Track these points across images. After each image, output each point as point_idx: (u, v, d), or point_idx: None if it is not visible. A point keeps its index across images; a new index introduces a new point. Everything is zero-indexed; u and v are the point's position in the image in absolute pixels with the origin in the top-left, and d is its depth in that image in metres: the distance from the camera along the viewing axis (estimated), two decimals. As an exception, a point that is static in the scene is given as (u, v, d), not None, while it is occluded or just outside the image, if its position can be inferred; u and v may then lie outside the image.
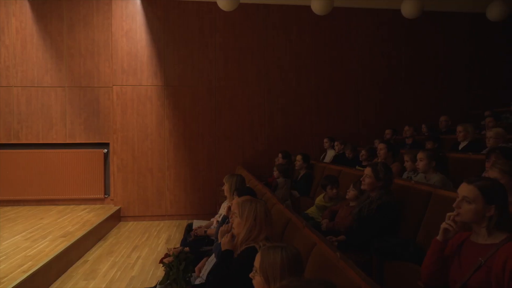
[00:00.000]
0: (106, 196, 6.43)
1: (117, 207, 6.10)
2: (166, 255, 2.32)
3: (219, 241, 2.23)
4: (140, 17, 6.24)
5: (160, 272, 3.85)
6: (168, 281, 2.09)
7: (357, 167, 4.50)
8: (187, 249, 2.39)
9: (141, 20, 6.24)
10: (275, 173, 4.80)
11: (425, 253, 1.66)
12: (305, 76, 6.54)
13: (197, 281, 2.29)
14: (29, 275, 3.12)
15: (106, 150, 6.43)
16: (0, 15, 6.31)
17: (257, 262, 1.35)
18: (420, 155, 3.15)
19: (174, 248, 2.45)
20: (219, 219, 3.05)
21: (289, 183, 4.69)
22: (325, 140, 6.11)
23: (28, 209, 6.06)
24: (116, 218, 5.97)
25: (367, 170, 2.71)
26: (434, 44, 6.82)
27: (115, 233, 5.48)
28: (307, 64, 6.55)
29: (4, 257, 3.63)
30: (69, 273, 3.84)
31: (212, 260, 2.22)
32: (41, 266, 3.34)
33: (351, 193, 3.05)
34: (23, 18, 6.34)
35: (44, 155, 6.33)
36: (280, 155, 5.55)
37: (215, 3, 5.08)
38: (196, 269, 2.31)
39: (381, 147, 4.07)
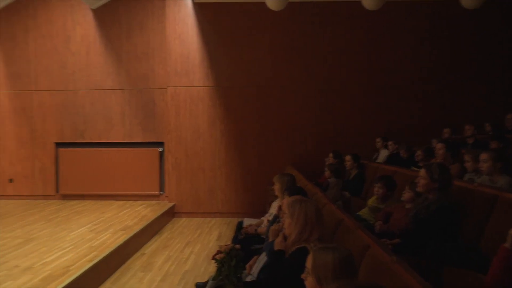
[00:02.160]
0: (161, 193, 6.74)
1: (171, 204, 6.36)
2: (218, 252, 2.38)
3: (269, 240, 2.25)
4: (192, 20, 6.44)
5: (212, 268, 3.95)
6: (220, 277, 2.14)
7: (412, 167, 4.31)
8: (238, 246, 2.43)
9: (192, 23, 6.44)
10: (326, 173, 4.73)
11: (490, 261, 1.55)
12: (356, 73, 6.36)
13: (248, 279, 2.32)
14: (93, 265, 3.37)
15: (161, 149, 6.74)
16: (67, 25, 6.85)
17: (309, 263, 1.35)
18: (483, 156, 2.94)
19: (226, 245, 2.50)
20: (270, 218, 3.07)
21: (341, 183, 4.59)
22: (378, 139, 5.90)
23: (92, 203, 6.52)
24: (170, 214, 6.23)
25: (422, 172, 2.59)
26: (498, 36, 6.31)
27: (169, 228, 5.71)
28: (357, 60, 6.36)
29: (72, 246, 3.94)
30: (128, 265, 4.07)
31: (262, 258, 2.24)
32: (104, 257, 3.59)
33: (406, 194, 2.92)
34: (87, 26, 6.83)
35: (106, 153, 6.77)
36: (331, 155, 5.47)
37: (264, 3, 5.11)
38: (247, 266, 2.34)
39: (439, 147, 3.85)
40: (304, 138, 6.38)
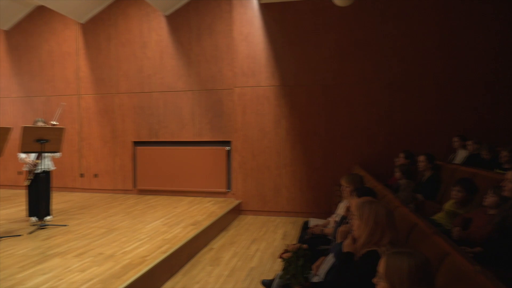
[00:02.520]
0: (228, 190, 6.94)
1: (238, 201, 6.52)
2: (285, 251, 2.40)
3: (337, 241, 2.21)
4: (258, 21, 6.53)
5: (277, 266, 3.99)
6: (287, 276, 2.16)
7: (496, 170, 3.93)
8: (305, 246, 2.43)
9: (259, 24, 6.53)
10: (397, 174, 4.51)
11: None
12: (429, 68, 5.93)
13: (315, 279, 2.30)
14: (167, 256, 3.58)
15: (228, 147, 6.94)
16: (143, 32, 7.36)
17: (381, 268, 1.30)
18: None
19: (293, 244, 2.51)
20: (337, 219, 3.02)
21: (412, 185, 4.35)
22: (455, 139, 5.45)
23: (165, 198, 6.93)
24: (236, 211, 6.40)
25: (509, 174, 2.35)
26: None
27: (235, 225, 5.86)
28: (431, 54, 5.93)
29: (148, 238, 4.23)
30: (198, 258, 4.26)
31: (330, 259, 2.21)
32: (176, 249, 3.80)
33: (490, 199, 2.68)
34: (160, 32, 7.27)
35: (177, 152, 7.16)
36: (402, 154, 5.19)
37: (329, 0, 5.00)
38: (314, 267, 2.33)
39: (529, 148, 3.47)
40: (372, 137, 6.14)
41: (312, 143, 6.34)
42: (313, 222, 3.80)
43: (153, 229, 4.64)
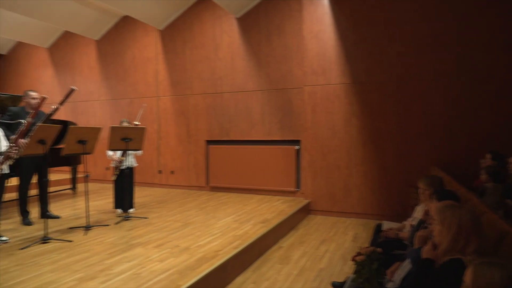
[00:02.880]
0: (297, 189, 6.93)
1: (307, 201, 6.48)
2: (358, 254, 2.33)
3: (415, 247, 2.09)
4: (328, 17, 6.41)
5: (347, 268, 3.89)
6: (360, 280, 2.10)
7: None
8: (379, 249, 2.34)
9: (329, 21, 6.41)
10: (483, 177, 4.12)
11: None
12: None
13: (389, 285, 2.21)
14: (238, 252, 3.69)
15: (298, 146, 6.93)
16: (216, 34, 7.65)
17: (468, 278, 1.21)
18: None
19: (366, 247, 2.43)
20: (414, 223, 2.85)
21: (501, 189, 3.94)
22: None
23: (236, 195, 7.14)
24: (306, 211, 6.36)
25: None
26: None
27: (304, 224, 5.84)
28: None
29: (220, 233, 4.40)
30: (267, 256, 4.32)
31: (406, 265, 2.10)
32: (247, 246, 3.89)
33: None
34: (232, 34, 7.49)
35: (247, 151, 7.32)
36: (488, 155, 4.73)
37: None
38: (388, 272, 2.23)
39: None
40: (452, 136, 5.68)
41: (384, 142, 6.06)
42: (387, 225, 3.64)
43: (225, 225, 4.81)
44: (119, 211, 5.46)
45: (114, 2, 7.02)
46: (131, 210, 5.53)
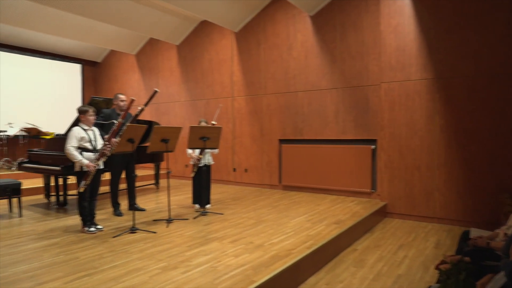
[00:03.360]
0: (373, 191, 6.67)
1: (383, 203, 6.20)
2: (442, 262, 2.18)
3: (511, 258, 1.89)
4: (408, 9, 6.04)
5: (429, 277, 3.65)
6: (445, 290, 1.96)
7: None
8: (467, 259, 2.15)
9: (409, 13, 6.04)
10: None
11: None
12: None
13: (479, 298, 2.03)
14: (311, 252, 3.67)
15: (374, 146, 6.66)
16: (289, 34, 7.67)
17: None
18: None
19: (451, 255, 2.25)
20: (508, 232, 2.58)
21: None
22: None
23: (308, 195, 7.10)
24: (381, 213, 6.09)
25: None
26: None
27: (380, 228, 5.59)
28: None
29: (293, 232, 4.41)
30: (341, 258, 4.23)
31: (500, 278, 1.91)
32: (320, 246, 3.86)
33: None
34: (305, 32, 7.45)
35: (320, 150, 7.23)
36: None
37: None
38: (478, 284, 2.05)
39: None
40: (559, 136, 4.99)
41: (472, 142, 5.54)
42: (475, 232, 3.34)
43: (298, 224, 4.81)
44: (197, 206, 5.77)
45: (194, 8, 7.41)
46: (208, 206, 5.81)
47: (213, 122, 5.86)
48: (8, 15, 8.18)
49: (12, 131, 8.71)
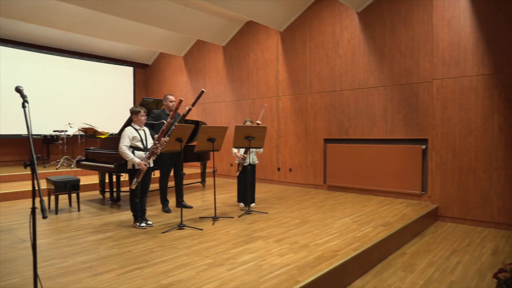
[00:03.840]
0: (423, 192, 6.38)
1: (435, 206, 5.91)
2: (501, 270, 2.04)
3: None
4: (464, 1, 5.70)
5: (485, 285, 3.45)
6: (503, 300, 1.83)
7: None
8: (528, 268, 2.00)
9: (465, 5, 5.70)
10: None
11: None
12: None
13: (542, 311, 1.88)
14: (357, 254, 3.59)
15: (424, 146, 6.37)
16: (335, 32, 7.54)
17: None
18: None
19: (510, 264, 2.11)
20: None
21: None
22: None
23: (354, 196, 6.94)
24: (433, 217, 5.81)
25: None
26: None
27: (431, 231, 5.34)
28: None
29: (338, 234, 4.34)
30: (388, 261, 4.10)
31: None
32: (366, 248, 3.76)
33: None
34: (352, 30, 7.28)
35: (367, 150, 7.04)
36: None
37: None
38: (541, 296, 1.90)
39: None
40: None
41: (538, 143, 5.12)
42: (539, 240, 3.09)
43: (343, 225, 4.73)
44: (242, 205, 5.85)
45: (240, 9, 7.51)
46: (252, 205, 5.87)
47: (258, 122, 5.91)
48: (70, 22, 8.78)
49: (71, 131, 9.35)
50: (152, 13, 8.19)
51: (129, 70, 12.11)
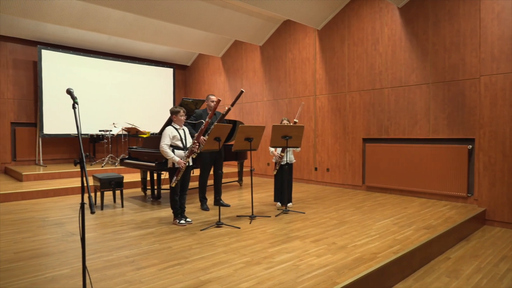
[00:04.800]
0: (469, 195, 6.07)
1: (482, 209, 5.61)
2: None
3: None
4: (516, -8, 5.36)
5: (539, 295, 3.23)
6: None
7: None
8: None
9: (516, -4, 5.36)
10: None
11: None
12: None
13: None
14: (398, 257, 3.49)
15: (470, 146, 6.06)
16: (375, 28, 7.34)
17: None
18: None
19: None
20: None
21: None
22: None
23: (394, 197, 6.73)
24: (479, 220, 5.52)
25: None
26: None
27: (478, 236, 5.08)
28: None
29: (378, 236, 4.24)
30: (431, 266, 3.94)
31: None
32: (408, 251, 3.64)
33: None
34: (393, 26, 7.06)
35: (408, 149, 6.80)
36: None
37: None
38: None
39: None
40: None
41: None
42: None
43: (383, 227, 4.61)
44: (279, 204, 5.85)
45: (277, 8, 7.51)
46: (289, 204, 5.86)
47: (295, 120, 5.88)
48: (116, 27, 9.19)
49: (115, 131, 9.78)
50: (192, 15, 8.38)
51: (169, 71, 12.46)
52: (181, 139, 4.82)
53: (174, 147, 4.77)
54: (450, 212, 5.50)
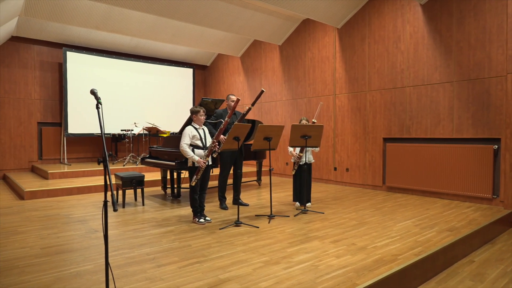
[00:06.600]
0: (495, 196, 5.89)
1: (508, 211, 5.44)
2: None
3: None
4: (545, -14, 5.17)
5: None
6: None
7: None
8: None
9: (546, -10, 5.16)
10: None
11: None
12: None
13: None
14: (420, 259, 3.42)
15: (496, 146, 5.88)
16: (397, 26, 7.21)
17: None
18: None
19: None
20: None
21: None
22: None
23: (415, 198, 6.60)
24: (506, 223, 5.35)
25: None
26: None
27: (504, 239, 4.92)
28: None
29: (398, 237, 4.17)
30: (454, 269, 3.85)
31: None
32: (430, 254, 3.57)
33: None
34: (415, 23, 6.92)
35: (431, 149, 6.65)
36: None
37: None
38: None
39: None
40: None
41: None
42: None
43: (404, 229, 4.52)
44: (297, 204, 5.83)
45: (296, 7, 7.48)
46: (308, 204, 5.83)
47: (314, 120, 5.85)
48: (137, 28, 9.35)
49: (136, 130, 9.95)
50: (212, 16, 8.44)
51: (189, 71, 12.59)
52: (200, 139, 4.87)
53: (194, 146, 4.82)
54: (474, 214, 5.35)
